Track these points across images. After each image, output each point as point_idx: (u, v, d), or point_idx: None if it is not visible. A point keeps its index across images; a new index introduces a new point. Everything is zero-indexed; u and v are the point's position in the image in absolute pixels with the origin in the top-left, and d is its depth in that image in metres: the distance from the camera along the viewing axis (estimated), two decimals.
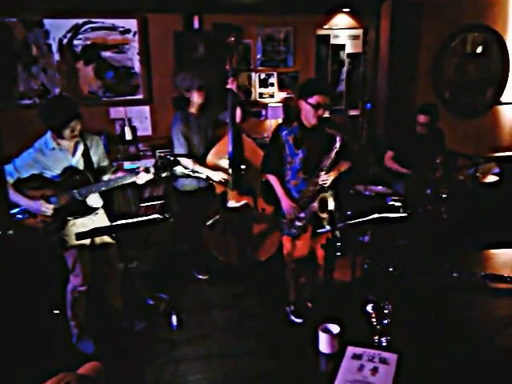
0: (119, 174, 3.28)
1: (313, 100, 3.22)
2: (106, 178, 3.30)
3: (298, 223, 3.41)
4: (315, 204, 3.32)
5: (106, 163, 3.37)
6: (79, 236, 2.92)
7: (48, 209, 3.06)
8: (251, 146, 4.24)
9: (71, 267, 3.28)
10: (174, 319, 3.74)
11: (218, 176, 4.03)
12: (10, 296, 3.39)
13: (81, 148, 3.16)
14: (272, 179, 3.46)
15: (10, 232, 2.85)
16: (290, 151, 3.38)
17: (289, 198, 3.40)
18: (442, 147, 4.54)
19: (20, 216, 3.10)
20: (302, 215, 3.38)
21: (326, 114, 3.40)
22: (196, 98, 4.05)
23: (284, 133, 3.38)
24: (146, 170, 3.19)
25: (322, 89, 3.30)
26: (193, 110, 4.10)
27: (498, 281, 2.48)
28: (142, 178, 3.20)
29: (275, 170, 3.46)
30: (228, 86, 4.03)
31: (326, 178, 3.30)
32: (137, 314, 3.72)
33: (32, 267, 3.71)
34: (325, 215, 3.29)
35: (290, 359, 2.98)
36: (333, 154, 3.26)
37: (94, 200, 3.28)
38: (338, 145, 3.23)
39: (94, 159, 3.25)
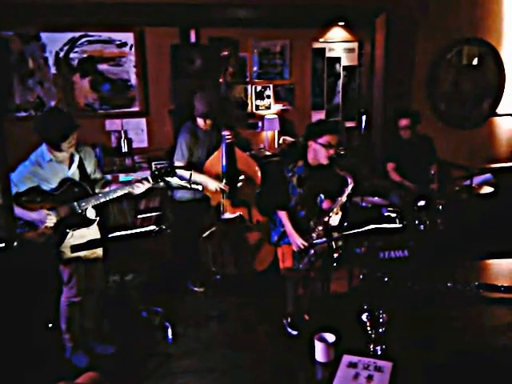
0: (113, 187, 3.26)
1: (323, 140, 3.20)
2: (97, 190, 3.28)
3: (306, 259, 3.40)
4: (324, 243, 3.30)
5: (97, 175, 3.35)
6: (74, 248, 2.91)
7: (51, 220, 3.03)
8: (245, 158, 4.26)
9: (67, 279, 3.24)
10: (170, 332, 3.71)
11: (214, 184, 4.04)
12: (5, 309, 3.37)
13: (76, 159, 3.15)
14: (282, 215, 3.41)
15: (15, 244, 2.85)
16: (293, 190, 3.38)
17: (298, 233, 3.36)
18: (433, 155, 4.55)
19: (19, 230, 3.07)
20: (312, 253, 3.37)
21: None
22: (200, 123, 4.11)
23: (289, 174, 3.36)
24: (142, 181, 3.18)
25: (332, 128, 3.30)
26: (201, 125, 4.12)
27: (492, 290, 2.48)
28: (139, 189, 3.19)
29: (285, 207, 3.42)
30: (223, 134, 4.07)
31: (334, 219, 3.30)
32: (110, 336, 3.63)
33: (26, 280, 3.69)
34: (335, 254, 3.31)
35: (286, 369, 2.96)
36: (344, 196, 3.26)
37: (90, 211, 3.26)
38: (350, 187, 3.23)
39: (88, 170, 3.24)
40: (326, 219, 3.29)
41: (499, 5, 5.02)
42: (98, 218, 3.29)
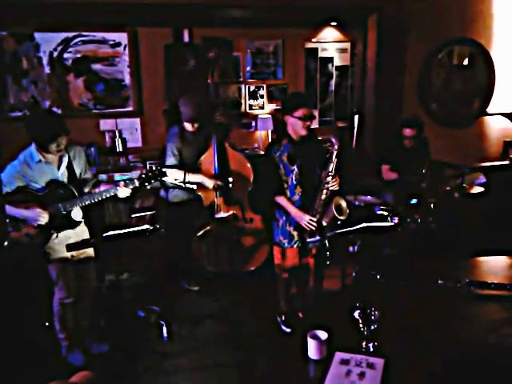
0: (102, 188, 3.26)
1: (299, 113, 3.26)
2: (86, 190, 3.28)
3: (317, 236, 3.35)
4: (332, 209, 3.31)
5: (87, 175, 3.34)
6: (70, 247, 2.92)
7: (44, 219, 3.03)
8: (236, 157, 4.28)
9: (55, 281, 3.26)
10: (165, 331, 3.73)
11: (211, 182, 4.06)
12: (1, 308, 3.38)
13: (65, 160, 3.14)
14: (281, 200, 3.41)
15: (6, 243, 2.85)
16: (286, 169, 3.39)
17: (303, 211, 3.37)
18: (426, 154, 4.59)
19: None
20: (324, 222, 3.36)
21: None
22: (187, 126, 4.10)
23: (277, 154, 3.37)
24: (126, 184, 3.19)
25: (305, 101, 3.34)
26: (188, 128, 4.13)
27: (483, 287, 2.52)
28: (122, 192, 3.19)
29: (280, 191, 3.43)
30: (217, 119, 4.07)
31: (333, 183, 3.33)
32: (105, 335, 3.65)
33: (20, 280, 3.70)
34: (343, 217, 3.29)
35: (280, 367, 2.99)
36: (334, 157, 3.28)
37: (76, 213, 3.26)
38: (336, 146, 3.26)
39: (77, 171, 3.23)
40: (326, 185, 3.32)
41: (490, 6, 5.07)
42: (82, 220, 3.28)
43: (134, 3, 4.64)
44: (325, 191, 3.34)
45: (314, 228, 3.33)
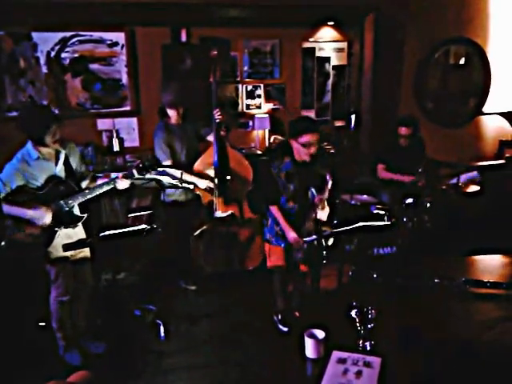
0: (99, 182, 3.27)
1: (303, 140, 3.22)
2: (84, 185, 3.29)
3: (300, 253, 3.41)
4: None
5: (83, 170, 3.35)
6: (66, 247, 2.92)
7: (49, 218, 3.02)
8: (236, 156, 4.29)
9: (54, 279, 3.25)
10: (162, 330, 3.74)
11: (204, 184, 4.07)
12: None
13: (62, 156, 3.14)
14: (274, 211, 3.44)
15: (3, 244, 2.85)
16: (282, 186, 3.40)
17: (292, 228, 3.39)
18: (422, 155, 4.61)
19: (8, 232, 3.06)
20: (305, 247, 3.38)
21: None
22: (170, 113, 4.10)
23: (275, 170, 3.38)
24: (126, 176, 3.20)
25: (311, 128, 3.30)
26: (173, 120, 4.14)
27: (479, 286, 2.54)
28: (122, 184, 3.21)
29: (275, 201, 3.44)
30: (215, 116, 4.07)
31: (322, 214, 3.32)
32: (102, 335, 3.64)
33: (18, 280, 3.70)
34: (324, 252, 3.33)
35: (277, 366, 2.99)
36: (326, 194, 3.29)
37: (76, 209, 3.26)
38: (329, 184, 3.27)
39: (73, 166, 3.23)
40: (314, 215, 3.33)
41: (486, 5, 5.09)
42: (85, 215, 3.27)
43: (132, 3, 4.64)
44: (312, 218, 3.33)
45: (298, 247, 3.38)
